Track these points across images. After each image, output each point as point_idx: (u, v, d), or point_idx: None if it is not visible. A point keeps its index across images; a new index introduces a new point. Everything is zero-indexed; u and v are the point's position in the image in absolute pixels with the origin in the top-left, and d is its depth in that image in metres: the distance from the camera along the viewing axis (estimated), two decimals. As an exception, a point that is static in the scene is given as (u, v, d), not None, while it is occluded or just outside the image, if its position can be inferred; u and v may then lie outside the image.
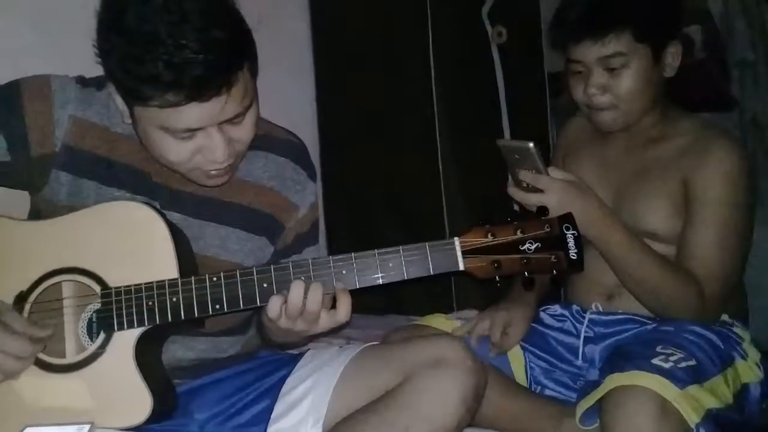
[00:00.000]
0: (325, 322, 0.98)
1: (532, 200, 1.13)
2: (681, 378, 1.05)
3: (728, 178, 1.20)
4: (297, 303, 0.95)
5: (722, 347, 1.19)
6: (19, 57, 1.27)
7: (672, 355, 1.10)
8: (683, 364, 1.09)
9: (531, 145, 1.13)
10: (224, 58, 0.90)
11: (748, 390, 1.20)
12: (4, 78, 1.07)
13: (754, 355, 1.24)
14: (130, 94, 0.94)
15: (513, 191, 1.17)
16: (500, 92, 1.96)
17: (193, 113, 0.92)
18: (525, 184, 1.16)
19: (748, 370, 1.21)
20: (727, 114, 2.43)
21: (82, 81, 1.07)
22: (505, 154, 1.19)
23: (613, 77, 1.23)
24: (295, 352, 1.23)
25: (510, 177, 1.20)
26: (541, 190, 1.13)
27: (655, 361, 1.08)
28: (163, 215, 1.00)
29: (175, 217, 1.06)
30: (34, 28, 1.36)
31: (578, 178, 1.18)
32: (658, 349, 1.12)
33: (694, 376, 1.08)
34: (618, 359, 1.14)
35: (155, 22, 0.88)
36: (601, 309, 1.33)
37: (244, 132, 0.99)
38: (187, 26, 0.88)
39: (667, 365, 1.07)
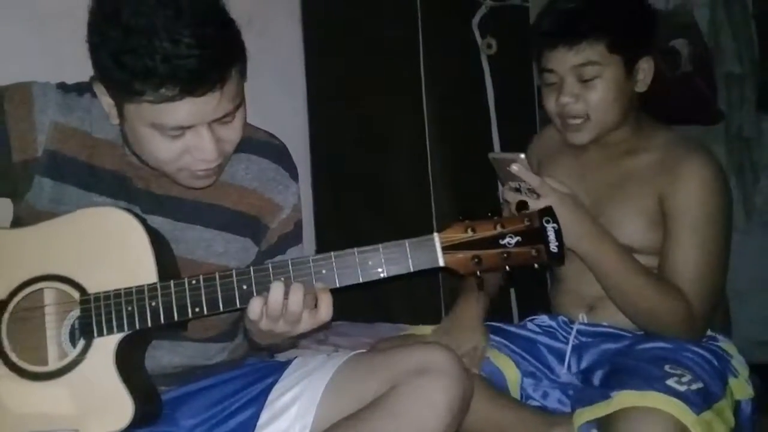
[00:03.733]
0: (307, 322, 0.97)
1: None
2: (696, 402, 1.05)
3: (704, 194, 1.21)
4: (277, 304, 0.94)
5: (718, 366, 1.19)
6: (4, 62, 1.27)
7: (683, 376, 1.09)
8: (694, 387, 1.08)
9: (522, 156, 1.13)
10: (219, 53, 0.92)
11: (739, 407, 1.19)
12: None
13: (743, 371, 1.24)
14: (123, 89, 0.93)
15: (508, 195, 1.17)
16: (490, 102, 1.97)
17: (185, 110, 0.93)
18: (518, 187, 1.16)
19: (740, 387, 1.21)
20: (714, 127, 2.45)
21: (63, 87, 1.07)
22: (497, 167, 1.19)
23: (585, 87, 1.23)
24: (282, 359, 1.22)
25: (504, 184, 1.20)
26: (536, 196, 1.13)
27: (670, 382, 1.07)
28: (142, 220, 1.00)
29: (157, 221, 1.06)
30: (22, 34, 1.36)
31: (572, 190, 1.18)
32: (667, 368, 1.11)
33: (705, 400, 1.08)
34: (625, 375, 1.13)
35: (151, 16, 0.89)
36: (586, 320, 1.33)
37: (232, 132, 1.00)
38: (182, 21, 0.90)
39: (681, 388, 1.06)
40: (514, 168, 1.13)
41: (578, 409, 1.14)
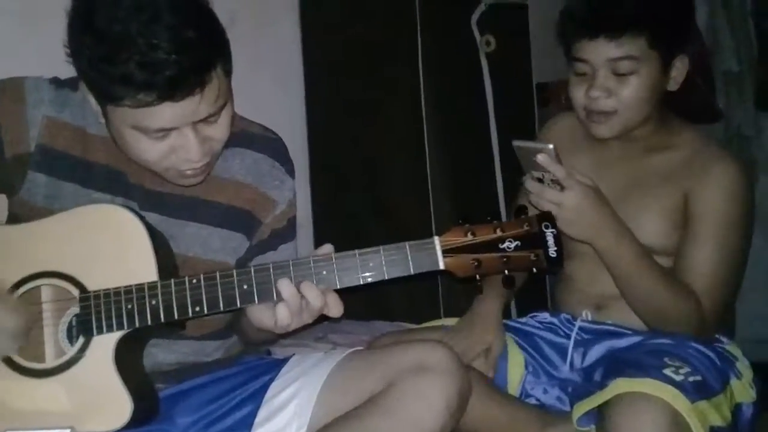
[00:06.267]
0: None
1: (549, 195, 1.10)
2: (691, 392, 1.05)
3: (731, 197, 1.20)
4: (295, 298, 0.94)
5: (720, 366, 1.19)
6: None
7: (680, 368, 1.09)
8: (691, 378, 1.08)
9: (551, 146, 1.10)
10: (197, 58, 0.90)
11: (740, 410, 1.19)
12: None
13: (747, 374, 1.23)
14: (101, 94, 0.93)
15: (531, 185, 1.14)
16: (488, 100, 1.97)
17: (166, 113, 0.92)
18: (541, 177, 1.13)
19: (742, 390, 1.20)
20: (713, 125, 2.45)
21: (56, 82, 1.06)
22: (521, 155, 1.15)
23: (619, 82, 1.20)
24: (279, 357, 1.22)
25: (526, 172, 1.17)
26: (559, 188, 1.11)
27: (666, 371, 1.07)
28: (141, 218, 1.00)
29: (153, 217, 1.06)
30: (14, 29, 1.35)
31: (595, 184, 1.15)
32: (666, 360, 1.11)
33: (701, 391, 1.08)
34: (623, 365, 1.13)
35: (126, 21, 0.88)
36: (590, 318, 1.32)
37: (218, 131, 0.99)
38: (159, 25, 0.88)
39: (678, 377, 1.06)
40: (540, 158, 1.10)
41: (577, 403, 1.14)
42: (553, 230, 0.95)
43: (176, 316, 0.96)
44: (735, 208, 1.20)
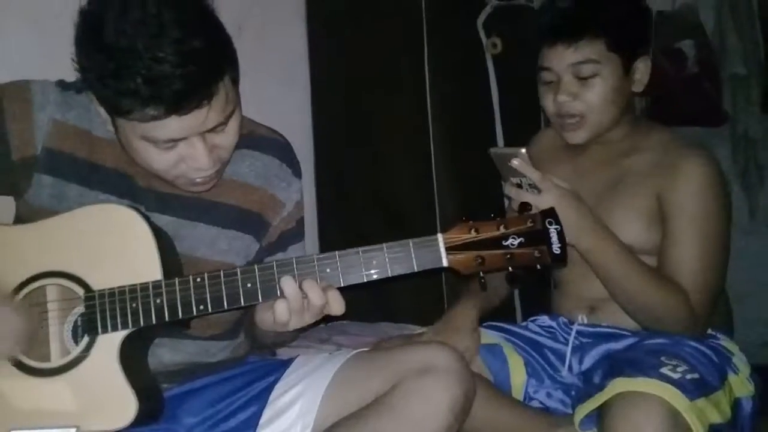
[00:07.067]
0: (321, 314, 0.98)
1: (527, 199, 1.12)
2: (689, 389, 1.05)
3: (702, 192, 1.21)
4: (297, 296, 0.94)
5: (717, 362, 1.19)
6: (6, 60, 1.28)
7: (678, 366, 1.10)
8: (689, 376, 1.08)
9: (523, 150, 1.12)
10: (204, 70, 0.90)
11: (740, 405, 1.19)
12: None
13: (744, 369, 1.24)
14: (110, 107, 0.94)
15: (510, 190, 1.17)
16: (494, 102, 1.97)
17: (174, 125, 0.92)
18: (519, 183, 1.15)
19: (740, 385, 1.21)
20: (719, 128, 2.45)
21: (62, 85, 1.06)
22: (498, 162, 1.19)
23: (583, 86, 1.24)
24: (284, 357, 1.22)
25: (505, 180, 1.20)
26: (537, 191, 1.13)
27: (664, 370, 1.07)
28: (146, 217, 1.00)
29: (162, 219, 1.06)
30: (23, 31, 1.36)
31: (573, 187, 1.18)
32: (663, 359, 1.12)
33: (699, 388, 1.08)
34: (621, 365, 1.13)
35: (133, 36, 0.87)
36: (586, 321, 1.33)
37: (227, 138, 0.99)
38: (165, 39, 0.88)
39: (675, 376, 1.06)
40: (515, 162, 1.13)
41: (578, 406, 1.14)
42: (557, 227, 0.95)
43: (181, 315, 0.97)
44: (707, 202, 1.21)
